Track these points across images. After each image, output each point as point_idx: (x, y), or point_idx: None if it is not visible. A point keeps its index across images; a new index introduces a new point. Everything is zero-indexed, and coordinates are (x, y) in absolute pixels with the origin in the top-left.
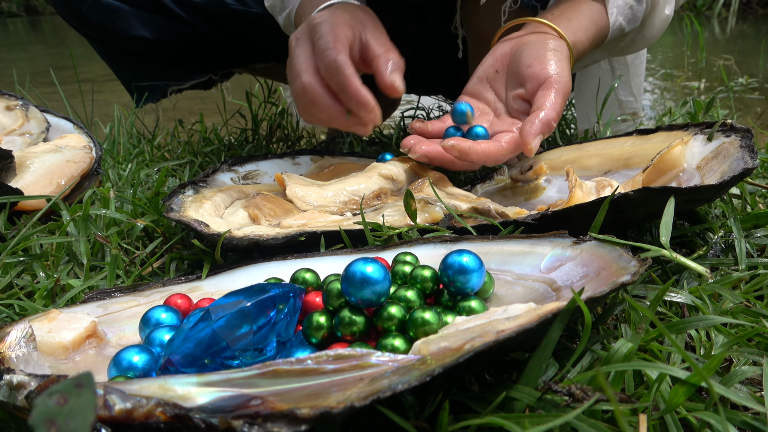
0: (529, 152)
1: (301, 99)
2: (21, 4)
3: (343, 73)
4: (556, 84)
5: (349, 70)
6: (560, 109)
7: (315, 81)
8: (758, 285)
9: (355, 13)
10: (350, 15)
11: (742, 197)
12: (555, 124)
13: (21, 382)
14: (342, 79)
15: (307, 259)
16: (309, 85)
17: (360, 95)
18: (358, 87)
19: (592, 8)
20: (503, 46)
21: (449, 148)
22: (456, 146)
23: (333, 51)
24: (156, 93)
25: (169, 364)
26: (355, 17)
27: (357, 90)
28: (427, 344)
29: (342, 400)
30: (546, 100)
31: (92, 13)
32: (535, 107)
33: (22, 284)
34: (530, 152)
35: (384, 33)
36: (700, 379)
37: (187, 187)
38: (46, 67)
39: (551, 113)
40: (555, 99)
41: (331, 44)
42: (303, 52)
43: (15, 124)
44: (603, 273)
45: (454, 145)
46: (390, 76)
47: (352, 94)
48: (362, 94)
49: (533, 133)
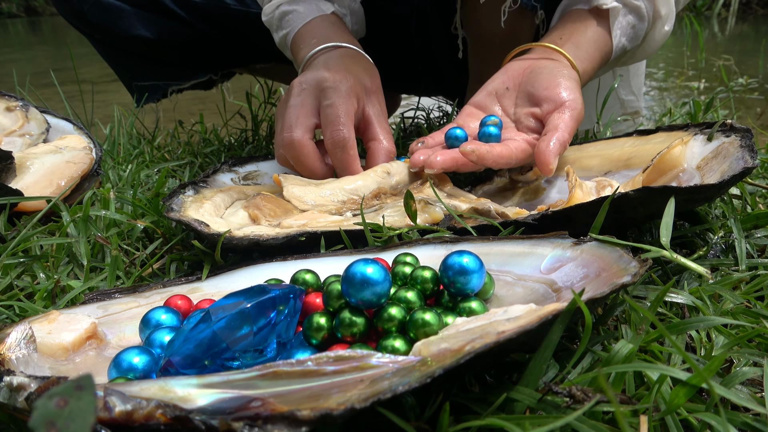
0: (549, 172)
1: (286, 151)
2: (21, 4)
3: (349, 153)
4: (571, 109)
5: (355, 150)
6: (573, 132)
7: (306, 140)
8: (758, 285)
9: (363, 81)
10: (360, 85)
11: (743, 197)
12: (567, 145)
13: (21, 383)
14: (347, 158)
15: (308, 260)
16: (298, 143)
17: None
18: (358, 169)
19: (598, 32)
20: (516, 65)
21: (468, 153)
22: (476, 151)
23: (345, 129)
24: (156, 93)
25: (169, 366)
26: (364, 87)
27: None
28: (427, 345)
29: (342, 402)
30: (561, 122)
31: (93, 12)
32: (550, 127)
33: (22, 285)
34: (550, 171)
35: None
36: (700, 381)
37: (187, 188)
38: (47, 67)
39: (565, 135)
40: (570, 122)
41: (342, 119)
42: (302, 106)
43: (15, 125)
44: (603, 274)
45: (474, 150)
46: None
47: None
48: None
49: (553, 153)
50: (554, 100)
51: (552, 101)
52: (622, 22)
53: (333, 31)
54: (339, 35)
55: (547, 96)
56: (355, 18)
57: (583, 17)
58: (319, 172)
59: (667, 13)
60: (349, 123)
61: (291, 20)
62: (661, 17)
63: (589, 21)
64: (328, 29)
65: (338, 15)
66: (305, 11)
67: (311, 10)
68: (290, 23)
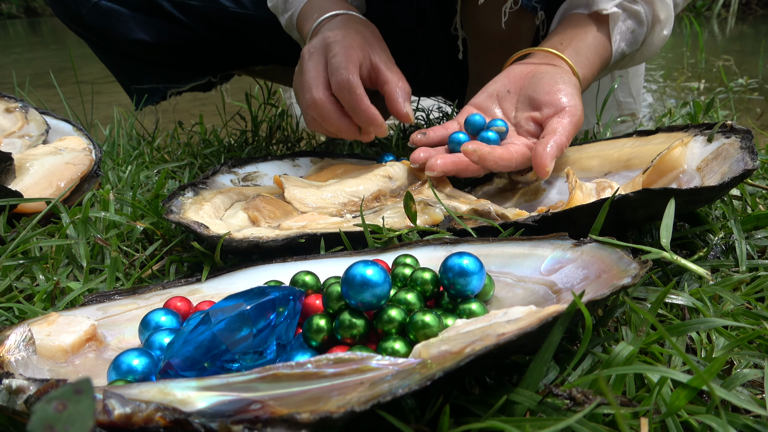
0: (544, 174)
1: (312, 112)
2: (20, 5)
3: (355, 93)
4: (570, 114)
5: (360, 89)
6: (571, 137)
7: (326, 97)
8: (759, 287)
9: (364, 34)
10: (361, 36)
11: (743, 198)
12: (564, 149)
13: (20, 386)
14: (354, 98)
15: (307, 262)
16: (320, 101)
17: (370, 114)
18: (368, 106)
19: (598, 38)
20: (518, 68)
21: (470, 153)
22: (477, 151)
23: (346, 71)
24: (155, 95)
25: (168, 368)
26: (365, 39)
27: (367, 109)
28: (427, 347)
29: (342, 405)
30: (559, 126)
31: (91, 16)
32: (549, 130)
33: (22, 287)
34: (546, 174)
35: (390, 55)
36: (701, 383)
37: (186, 189)
38: (46, 68)
39: (563, 138)
40: (568, 126)
41: (344, 64)
42: (315, 67)
43: (14, 127)
44: (603, 275)
45: (475, 150)
46: (404, 106)
47: (363, 113)
48: (372, 112)
49: (550, 156)
50: (554, 104)
51: (552, 106)
52: (621, 27)
53: (332, 3)
54: (338, 5)
55: (548, 101)
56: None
57: (583, 22)
58: (344, 128)
59: (666, 18)
60: (351, 67)
61: (294, 1)
62: (660, 22)
63: (589, 26)
64: (328, 2)
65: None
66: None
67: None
68: (293, 4)
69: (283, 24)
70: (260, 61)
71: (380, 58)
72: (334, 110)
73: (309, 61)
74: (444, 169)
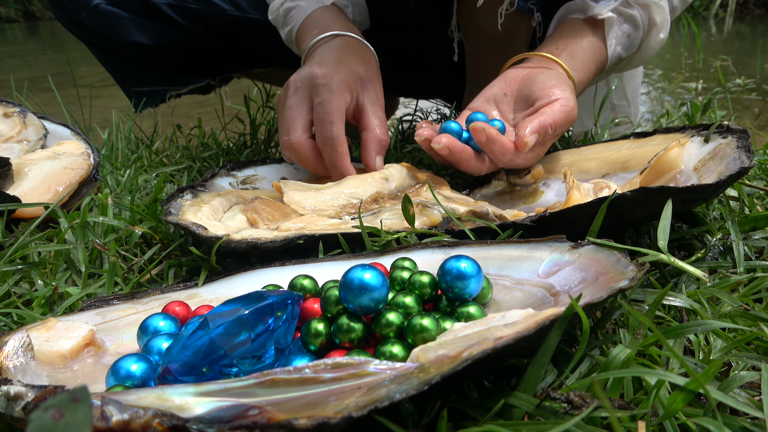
0: (523, 146)
1: (288, 152)
2: (19, 9)
3: (336, 150)
4: (562, 104)
5: (342, 146)
6: (559, 120)
7: (303, 140)
8: (756, 288)
9: (357, 71)
10: (353, 75)
11: (740, 199)
12: (551, 132)
13: (18, 393)
14: (335, 155)
15: (306, 265)
16: (297, 145)
17: (346, 173)
18: (346, 165)
19: (593, 43)
20: (514, 72)
21: (479, 131)
22: (486, 130)
23: (330, 125)
24: (154, 98)
25: (167, 373)
26: (357, 76)
27: (344, 168)
28: (425, 352)
29: (340, 410)
30: (548, 109)
31: (91, 19)
32: (536, 114)
33: (20, 292)
34: (524, 145)
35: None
36: (698, 386)
37: (185, 192)
38: (45, 72)
39: (549, 119)
40: (558, 113)
41: (329, 117)
42: (297, 105)
43: (13, 131)
44: (601, 278)
45: (484, 128)
46: (374, 159)
47: (339, 171)
48: (347, 171)
49: (531, 129)
50: (547, 96)
51: (545, 98)
52: (617, 31)
53: (332, 21)
54: (337, 24)
55: (541, 95)
56: (358, 9)
57: (579, 27)
58: (322, 168)
59: (662, 22)
60: (337, 120)
61: (294, 15)
62: (656, 25)
63: (585, 31)
64: (327, 19)
65: (338, 5)
66: (306, 5)
67: (312, 3)
68: (293, 18)
69: (283, 37)
70: (259, 63)
71: (368, 99)
72: (310, 153)
73: (292, 97)
74: (450, 146)
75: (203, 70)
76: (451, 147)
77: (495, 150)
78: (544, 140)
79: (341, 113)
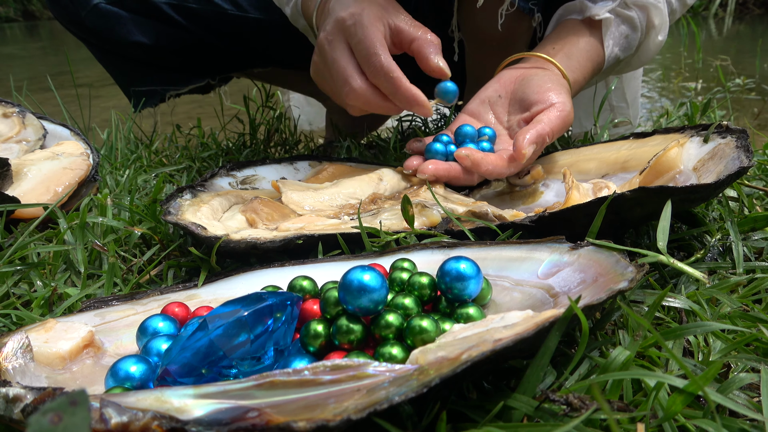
0: (521, 157)
1: (354, 102)
2: (18, 9)
3: (392, 77)
4: (558, 110)
5: (397, 72)
6: (556, 127)
7: (365, 85)
8: (756, 288)
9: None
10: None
11: (740, 200)
12: (549, 140)
13: (17, 395)
14: (393, 82)
15: (305, 266)
16: (361, 90)
17: (410, 95)
18: (408, 87)
19: (590, 43)
20: (509, 73)
21: (463, 158)
22: (470, 156)
23: (377, 56)
24: (154, 98)
25: (166, 375)
26: (380, 5)
27: (407, 90)
28: (424, 354)
29: (339, 413)
30: (545, 117)
31: (90, 19)
32: (534, 121)
33: (20, 293)
34: (522, 157)
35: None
36: (697, 389)
37: (185, 191)
38: (44, 72)
39: (546, 128)
40: (555, 120)
41: (372, 48)
42: (342, 56)
43: (12, 132)
44: (600, 279)
45: (468, 155)
46: (436, 60)
47: (403, 97)
48: (412, 93)
49: (528, 140)
50: (543, 101)
51: (541, 103)
52: (614, 32)
53: None
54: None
55: (537, 99)
56: None
57: (576, 28)
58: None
59: (661, 23)
60: (381, 49)
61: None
62: (655, 27)
63: (582, 31)
64: None
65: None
66: None
67: None
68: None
69: (288, 14)
70: (259, 63)
71: (399, 20)
72: (375, 96)
73: (333, 51)
74: (436, 173)
75: (203, 69)
76: (438, 173)
77: (483, 170)
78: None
79: (382, 42)
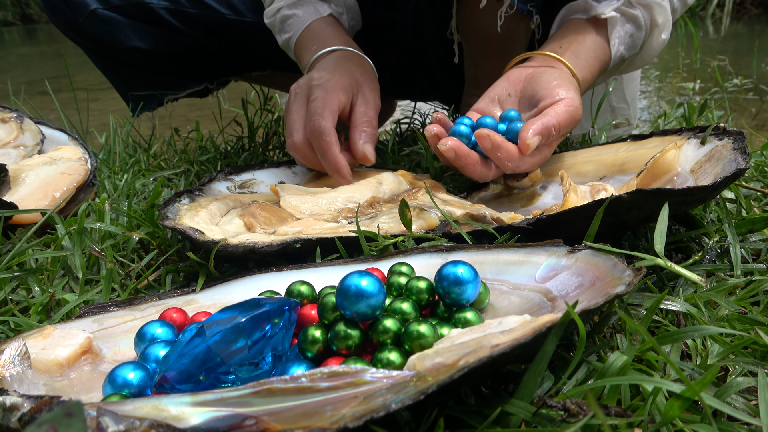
0: (525, 147)
1: (293, 153)
2: (17, 13)
3: (322, 140)
4: (566, 104)
5: (330, 137)
6: (564, 121)
7: (305, 140)
8: (753, 291)
9: (354, 74)
10: (349, 77)
11: (737, 201)
12: (555, 132)
13: (14, 403)
14: (321, 145)
15: (303, 271)
16: (299, 144)
17: (334, 162)
18: (335, 155)
19: (597, 42)
20: (518, 71)
21: (484, 137)
22: (491, 137)
23: (319, 118)
24: (152, 102)
25: (164, 381)
26: (354, 79)
27: (333, 157)
28: (422, 360)
29: (336, 420)
30: (552, 110)
31: (88, 24)
32: (540, 115)
33: (17, 299)
34: (527, 147)
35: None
36: (694, 394)
37: (182, 196)
38: (42, 76)
39: (552, 120)
40: (562, 113)
41: (319, 110)
42: (298, 109)
43: (10, 137)
44: (598, 283)
45: (489, 135)
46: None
47: (328, 161)
48: (336, 161)
49: (534, 131)
50: (552, 96)
51: (550, 98)
52: (620, 31)
53: (330, 35)
54: (336, 38)
55: (546, 95)
56: (351, 14)
57: (582, 27)
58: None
59: (664, 22)
60: (326, 114)
61: (292, 24)
62: (658, 26)
63: (588, 30)
64: (326, 33)
65: (335, 16)
66: (304, 15)
67: (309, 14)
68: (291, 27)
69: (279, 43)
70: (257, 67)
71: (360, 99)
72: (312, 153)
73: (293, 102)
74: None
75: (201, 73)
76: (458, 150)
77: (500, 157)
78: (549, 141)
79: (332, 109)
